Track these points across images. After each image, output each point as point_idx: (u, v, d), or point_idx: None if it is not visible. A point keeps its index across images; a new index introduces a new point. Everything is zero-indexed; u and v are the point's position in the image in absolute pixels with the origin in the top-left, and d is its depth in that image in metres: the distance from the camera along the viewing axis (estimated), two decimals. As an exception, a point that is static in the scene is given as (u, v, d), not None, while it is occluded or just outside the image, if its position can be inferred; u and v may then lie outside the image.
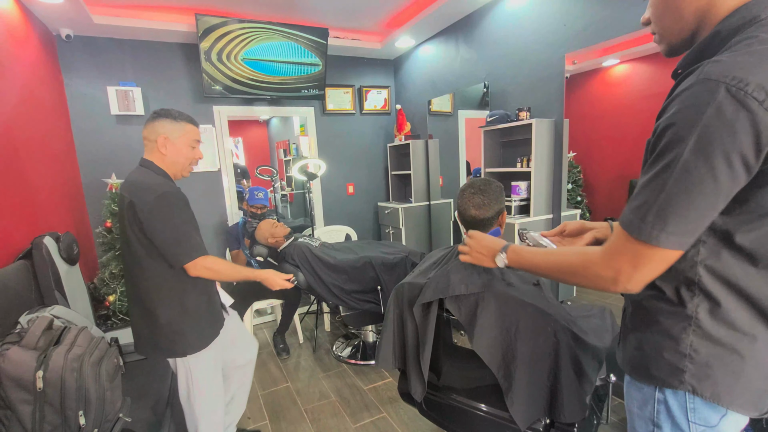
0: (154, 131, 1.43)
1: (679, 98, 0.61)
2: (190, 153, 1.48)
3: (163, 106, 3.12)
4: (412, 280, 1.41)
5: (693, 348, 0.71)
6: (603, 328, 1.45)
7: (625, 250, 0.67)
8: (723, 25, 0.64)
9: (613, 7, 2.04)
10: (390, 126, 4.20)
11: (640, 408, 0.81)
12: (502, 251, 0.96)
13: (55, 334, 1.30)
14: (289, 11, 3.03)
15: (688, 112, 0.59)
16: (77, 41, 2.86)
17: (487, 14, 2.88)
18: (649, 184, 0.64)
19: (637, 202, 0.65)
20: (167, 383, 1.77)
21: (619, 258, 0.68)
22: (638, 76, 2.23)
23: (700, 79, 0.59)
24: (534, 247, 0.94)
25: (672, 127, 0.61)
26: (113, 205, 2.75)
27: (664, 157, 0.61)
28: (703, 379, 0.70)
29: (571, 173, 2.59)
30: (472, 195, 1.36)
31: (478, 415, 1.37)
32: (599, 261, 0.71)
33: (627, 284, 0.68)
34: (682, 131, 0.59)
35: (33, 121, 2.20)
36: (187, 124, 1.47)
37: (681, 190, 0.60)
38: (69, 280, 1.98)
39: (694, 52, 0.69)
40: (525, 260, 0.91)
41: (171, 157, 1.45)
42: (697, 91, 0.59)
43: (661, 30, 0.76)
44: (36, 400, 1.17)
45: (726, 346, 0.69)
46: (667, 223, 0.61)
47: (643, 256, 0.65)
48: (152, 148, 1.45)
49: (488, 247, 1.01)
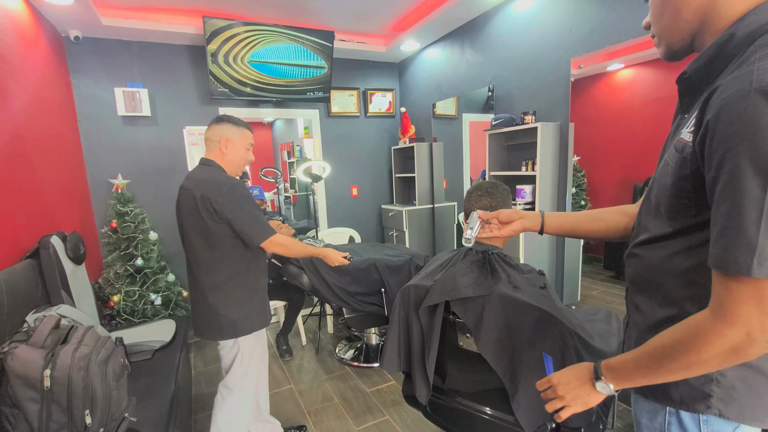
0: (217, 133, 1.62)
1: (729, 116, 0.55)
2: (245, 154, 1.69)
3: (169, 107, 3.18)
4: (418, 282, 1.41)
5: (720, 372, 0.67)
6: (609, 332, 1.44)
7: (744, 298, 0.55)
8: (737, 26, 0.60)
9: (618, 12, 2.05)
10: (394, 129, 4.21)
11: (649, 419, 0.78)
12: (596, 377, 0.76)
13: (63, 333, 1.31)
14: (296, 14, 3.05)
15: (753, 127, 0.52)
16: (85, 42, 2.89)
17: (492, 18, 2.89)
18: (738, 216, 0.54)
19: (732, 238, 0.55)
20: (172, 383, 1.77)
21: (740, 308, 0.56)
22: (643, 80, 2.24)
23: (755, 89, 0.52)
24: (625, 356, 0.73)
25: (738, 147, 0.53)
26: (119, 206, 2.77)
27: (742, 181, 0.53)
28: (728, 402, 0.67)
29: (575, 177, 2.59)
30: (480, 197, 1.36)
31: (483, 419, 1.36)
32: (717, 323, 0.58)
33: None
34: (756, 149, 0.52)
35: (41, 121, 2.22)
36: (245, 130, 1.67)
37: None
38: (75, 279, 1.99)
39: (706, 55, 0.64)
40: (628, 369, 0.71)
41: (230, 156, 1.65)
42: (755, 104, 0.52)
43: (659, 31, 0.73)
44: (43, 398, 1.18)
45: (752, 366, 0.66)
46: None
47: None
48: (213, 147, 1.64)
49: (579, 381, 0.79)
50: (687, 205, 0.66)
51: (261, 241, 1.56)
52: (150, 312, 2.71)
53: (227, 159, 1.65)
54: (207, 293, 1.59)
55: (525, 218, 1.06)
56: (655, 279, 0.74)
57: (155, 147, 3.17)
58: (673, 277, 0.71)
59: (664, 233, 0.71)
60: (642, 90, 2.24)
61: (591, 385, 0.76)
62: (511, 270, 1.32)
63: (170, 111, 3.20)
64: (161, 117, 3.18)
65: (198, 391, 2.59)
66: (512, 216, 1.07)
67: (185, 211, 1.59)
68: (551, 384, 0.82)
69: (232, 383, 1.69)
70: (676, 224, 0.69)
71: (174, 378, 1.81)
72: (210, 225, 1.53)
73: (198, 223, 1.55)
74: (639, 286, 0.80)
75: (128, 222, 2.76)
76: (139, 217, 2.81)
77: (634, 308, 0.81)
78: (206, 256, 1.58)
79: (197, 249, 1.59)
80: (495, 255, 1.36)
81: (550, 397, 0.82)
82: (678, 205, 0.68)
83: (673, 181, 0.68)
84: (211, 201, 1.50)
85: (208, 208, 1.51)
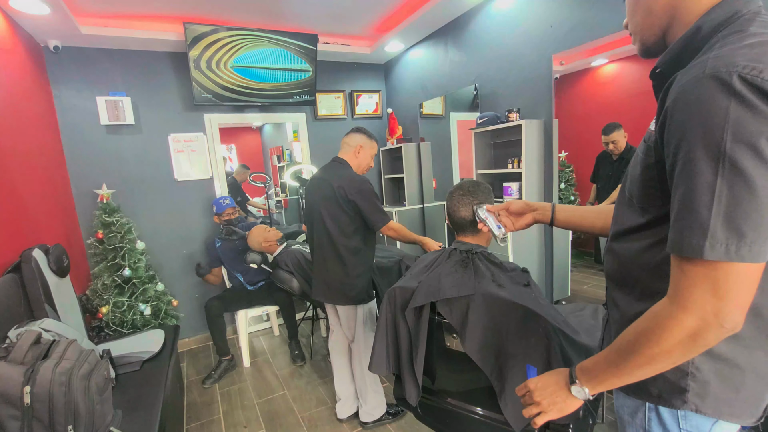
0: (355, 140, 2.02)
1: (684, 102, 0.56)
2: (370, 161, 2.08)
3: (153, 115, 3.15)
4: (403, 284, 1.40)
5: (695, 366, 0.67)
6: (595, 326, 1.45)
7: (698, 282, 0.56)
8: (704, 20, 0.62)
9: (598, 8, 2.06)
10: (382, 130, 4.21)
11: (630, 416, 0.79)
12: (571, 381, 0.75)
13: (44, 348, 1.29)
14: (278, 18, 3.04)
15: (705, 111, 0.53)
16: (65, 52, 2.85)
17: (474, 17, 2.89)
18: (691, 200, 0.55)
19: (687, 221, 0.55)
20: (161, 394, 1.75)
21: (694, 294, 0.56)
22: (627, 75, 2.25)
23: (707, 75, 0.54)
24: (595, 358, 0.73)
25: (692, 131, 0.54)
26: (104, 216, 2.74)
27: (695, 164, 0.54)
28: (704, 396, 0.68)
29: (564, 173, 2.60)
30: (461, 196, 1.36)
31: (474, 419, 1.36)
32: (673, 309, 0.58)
33: (724, 321, 0.55)
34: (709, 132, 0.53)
35: (21, 133, 2.19)
36: (374, 142, 2.08)
37: (740, 191, 0.52)
38: (59, 292, 1.96)
39: (675, 49, 0.66)
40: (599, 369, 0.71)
41: (360, 161, 2.03)
42: (708, 88, 0.54)
43: (633, 27, 0.75)
44: (24, 415, 1.16)
45: (728, 360, 0.66)
46: (743, 232, 0.52)
47: (726, 281, 0.54)
48: (348, 151, 2.02)
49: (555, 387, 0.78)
50: (655, 195, 0.67)
51: (381, 226, 1.92)
52: (139, 322, 2.68)
53: (357, 161, 2.02)
54: (335, 266, 1.96)
55: (537, 210, 1.10)
56: (632, 274, 0.75)
57: (140, 155, 3.14)
58: (647, 270, 0.71)
59: (638, 224, 0.72)
60: (627, 84, 2.25)
61: (567, 391, 0.76)
62: (495, 268, 1.32)
63: (154, 119, 3.17)
64: (145, 125, 3.15)
65: (190, 400, 2.57)
66: (524, 208, 1.11)
67: (321, 198, 1.95)
68: (528, 389, 0.81)
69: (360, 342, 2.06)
70: (647, 215, 0.70)
71: (163, 388, 1.79)
72: (342, 210, 1.90)
73: (333, 208, 1.91)
74: (617, 282, 0.80)
75: (114, 232, 2.72)
76: (126, 226, 2.78)
77: (613, 304, 0.82)
78: (336, 235, 1.93)
79: (329, 229, 1.93)
80: (479, 254, 1.36)
81: (528, 403, 0.82)
82: (647, 195, 0.69)
83: (641, 171, 0.69)
84: (346, 191, 1.87)
85: (342, 195, 1.87)
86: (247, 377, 2.82)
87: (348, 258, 1.94)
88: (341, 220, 1.91)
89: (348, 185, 1.88)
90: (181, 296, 3.27)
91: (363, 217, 1.91)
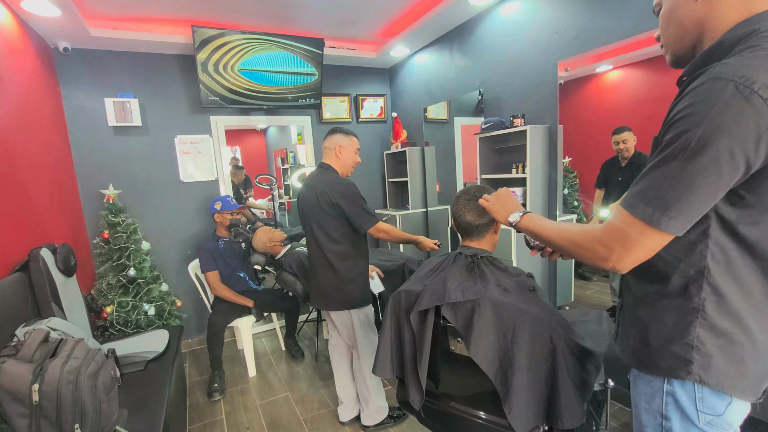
0: (333, 142, 1.97)
1: (690, 94, 0.65)
2: (354, 157, 2.03)
3: (160, 117, 3.17)
4: (408, 287, 1.41)
5: (699, 340, 0.74)
6: (600, 332, 1.45)
7: (621, 231, 0.70)
8: (726, 36, 0.70)
9: (603, 16, 2.07)
10: (386, 134, 4.22)
11: (647, 401, 0.83)
12: (519, 212, 1.01)
13: (52, 347, 1.30)
14: (285, 22, 3.06)
15: (698, 105, 0.63)
16: (75, 54, 2.88)
17: (480, 23, 2.91)
18: (654, 171, 0.67)
19: (640, 186, 0.69)
20: (165, 394, 1.75)
21: (614, 237, 0.71)
22: (631, 81, 2.26)
23: (711, 77, 0.63)
24: (548, 221, 0.95)
25: (682, 119, 0.65)
26: (110, 216, 2.76)
27: (671, 146, 0.65)
28: (707, 368, 0.74)
29: (568, 178, 2.61)
30: (468, 201, 1.37)
31: (477, 423, 1.36)
32: (598, 237, 0.74)
33: (617, 264, 0.71)
34: (691, 123, 0.63)
35: (30, 133, 2.21)
36: (353, 137, 2.02)
37: (685, 176, 0.63)
38: (66, 291, 1.97)
39: (699, 59, 0.74)
40: (534, 225, 0.94)
41: (342, 160, 1.99)
42: (708, 87, 0.63)
43: (666, 40, 0.83)
44: (32, 413, 1.17)
45: (729, 336, 0.73)
46: (669, 207, 0.65)
47: (638, 239, 0.68)
48: (330, 154, 1.99)
49: (510, 204, 1.06)
50: None
51: (368, 228, 1.87)
52: (143, 322, 2.69)
53: (340, 162, 1.99)
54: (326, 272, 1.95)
55: None
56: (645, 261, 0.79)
57: (146, 157, 3.17)
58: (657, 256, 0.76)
59: None
60: (631, 90, 2.26)
61: (510, 212, 1.03)
62: (501, 273, 1.32)
63: (161, 120, 3.20)
64: (152, 126, 3.17)
65: (193, 401, 2.57)
66: None
67: (309, 206, 1.94)
68: (499, 193, 1.12)
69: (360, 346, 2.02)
70: None
71: (167, 389, 1.80)
72: (327, 215, 1.88)
73: (319, 215, 1.90)
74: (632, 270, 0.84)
75: (120, 232, 2.74)
76: (131, 227, 2.80)
77: (627, 288, 0.90)
78: (323, 241, 1.92)
79: (317, 236, 1.93)
80: (484, 258, 1.36)
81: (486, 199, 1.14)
82: None
83: None
84: (329, 195, 1.85)
85: (326, 201, 1.85)
86: (249, 379, 2.82)
87: (338, 264, 1.93)
88: (327, 226, 1.90)
89: (331, 189, 1.86)
90: (184, 297, 3.28)
91: (349, 221, 1.88)
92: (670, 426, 0.80)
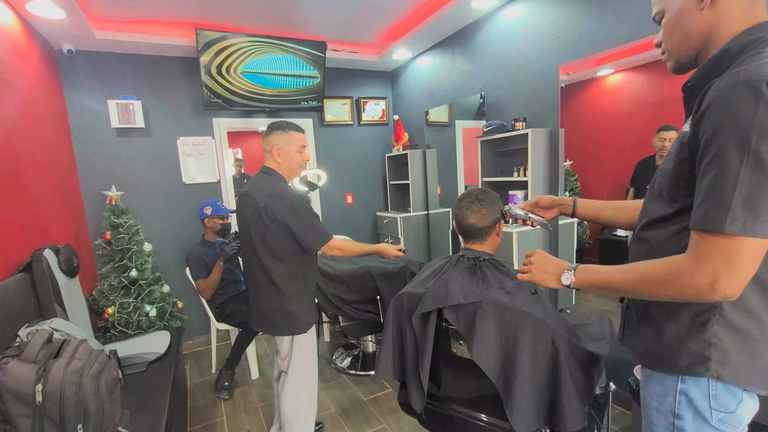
0: (269, 143, 1.70)
1: (720, 103, 0.66)
2: (298, 157, 1.74)
3: (163, 119, 3.19)
4: (410, 290, 1.41)
5: (717, 337, 0.75)
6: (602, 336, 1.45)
7: (715, 250, 0.65)
8: (732, 44, 0.73)
9: (605, 20, 2.08)
10: (388, 136, 4.24)
11: (659, 401, 0.84)
12: (569, 270, 0.90)
13: (55, 347, 1.30)
14: (288, 25, 3.08)
15: (738, 111, 0.63)
16: (79, 56, 2.90)
17: (482, 27, 2.93)
18: (719, 184, 0.65)
19: (713, 201, 0.65)
20: (167, 396, 1.76)
21: (711, 259, 0.66)
22: (633, 85, 2.26)
23: (741, 81, 0.64)
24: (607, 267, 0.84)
25: (725, 127, 0.64)
26: (113, 217, 2.77)
27: (725, 155, 0.64)
28: (725, 364, 0.75)
29: (569, 181, 2.61)
30: (470, 204, 1.37)
31: (479, 426, 1.36)
32: (690, 267, 0.68)
33: (726, 288, 0.65)
34: (738, 129, 0.63)
35: (34, 134, 2.22)
36: (294, 133, 1.72)
37: (761, 179, 0.62)
38: (68, 292, 1.98)
39: (707, 66, 0.76)
40: (598, 278, 0.84)
41: (285, 164, 1.72)
42: (741, 93, 0.64)
43: (670, 47, 0.84)
44: (35, 413, 1.17)
45: (745, 332, 0.75)
46: (758, 213, 0.62)
47: (738, 252, 0.64)
48: (268, 158, 1.73)
49: (554, 265, 0.94)
50: (684, 187, 0.76)
51: (320, 246, 1.66)
52: (145, 324, 2.69)
53: (282, 166, 1.73)
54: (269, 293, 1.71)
55: (562, 204, 1.27)
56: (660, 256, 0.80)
57: (149, 158, 3.18)
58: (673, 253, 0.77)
59: (666, 214, 0.81)
60: (632, 94, 2.27)
61: (558, 273, 0.92)
62: (503, 276, 1.33)
63: (164, 122, 3.21)
64: (155, 128, 3.19)
65: (194, 403, 2.57)
66: (552, 203, 1.28)
67: (249, 218, 1.68)
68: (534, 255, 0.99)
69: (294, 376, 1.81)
70: (676, 205, 0.79)
71: (169, 390, 1.80)
72: (272, 231, 1.63)
73: (261, 229, 1.65)
74: None
75: (122, 233, 2.75)
76: (133, 228, 2.80)
77: None
78: (267, 260, 1.67)
79: (259, 253, 1.68)
80: (486, 261, 1.37)
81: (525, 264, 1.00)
82: (677, 187, 0.78)
83: (673, 165, 0.79)
84: (274, 211, 1.61)
85: (270, 216, 1.61)
86: (250, 381, 2.82)
87: (283, 284, 1.69)
88: (272, 244, 1.65)
89: (276, 204, 1.61)
90: (185, 298, 3.28)
91: (297, 239, 1.65)
92: (683, 425, 0.80)
